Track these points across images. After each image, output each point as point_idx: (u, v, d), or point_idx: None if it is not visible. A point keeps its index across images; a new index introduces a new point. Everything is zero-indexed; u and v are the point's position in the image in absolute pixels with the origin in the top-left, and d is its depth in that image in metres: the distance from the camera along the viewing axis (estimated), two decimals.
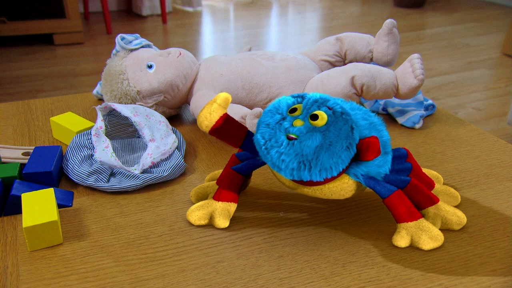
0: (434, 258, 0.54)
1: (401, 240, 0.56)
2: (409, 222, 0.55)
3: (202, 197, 0.64)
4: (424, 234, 0.55)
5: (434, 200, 0.58)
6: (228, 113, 0.74)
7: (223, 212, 0.59)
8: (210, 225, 0.60)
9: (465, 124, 0.87)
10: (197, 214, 0.60)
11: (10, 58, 2.64)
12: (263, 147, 0.53)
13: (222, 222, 0.59)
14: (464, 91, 2.32)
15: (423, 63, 2.50)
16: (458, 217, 0.59)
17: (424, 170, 0.68)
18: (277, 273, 0.52)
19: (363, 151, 0.53)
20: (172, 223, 0.60)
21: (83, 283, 0.51)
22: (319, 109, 0.53)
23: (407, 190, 0.57)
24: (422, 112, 0.87)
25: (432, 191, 0.63)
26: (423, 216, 0.57)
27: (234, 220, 0.61)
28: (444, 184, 0.69)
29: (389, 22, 0.85)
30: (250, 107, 0.82)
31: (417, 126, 0.85)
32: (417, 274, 0.52)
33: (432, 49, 2.90)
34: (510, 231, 0.59)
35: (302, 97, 0.55)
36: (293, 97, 0.56)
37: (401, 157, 0.61)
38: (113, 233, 0.58)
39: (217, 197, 0.60)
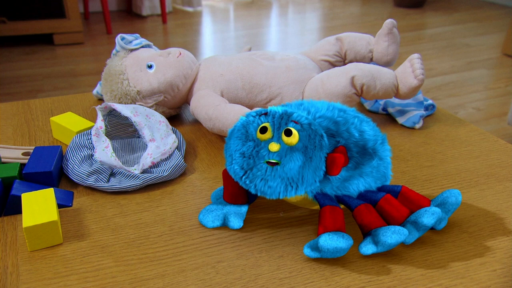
0: (434, 258, 0.54)
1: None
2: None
3: None
4: None
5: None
6: (228, 113, 0.74)
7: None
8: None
9: (465, 124, 0.87)
10: None
11: (10, 58, 2.64)
12: (244, 177, 0.54)
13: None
14: (464, 91, 2.32)
15: (423, 63, 2.50)
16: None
17: None
18: (277, 273, 0.52)
19: (328, 167, 0.54)
20: (172, 223, 0.60)
21: (83, 283, 0.51)
22: (287, 126, 0.53)
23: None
24: (422, 112, 0.87)
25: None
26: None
27: None
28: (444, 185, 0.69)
29: (389, 22, 0.85)
30: (250, 107, 0.82)
31: (417, 126, 0.85)
32: (417, 274, 0.52)
33: (432, 49, 2.90)
34: (510, 231, 0.59)
35: (266, 113, 0.55)
36: (255, 115, 0.55)
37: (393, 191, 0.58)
38: (113, 233, 0.58)
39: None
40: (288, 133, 0.53)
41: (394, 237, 0.51)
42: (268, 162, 0.53)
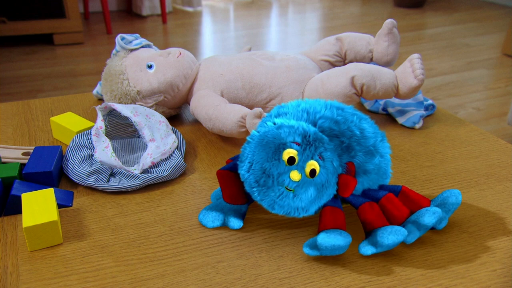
0: (434, 258, 0.54)
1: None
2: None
3: None
4: None
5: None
6: (228, 113, 0.74)
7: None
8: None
9: (465, 124, 0.87)
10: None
11: (10, 58, 2.64)
12: (255, 189, 0.53)
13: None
14: (464, 91, 2.32)
15: (423, 63, 2.50)
16: None
17: None
18: (277, 273, 0.52)
19: (340, 188, 0.54)
20: (172, 223, 0.60)
21: (83, 283, 0.51)
22: (312, 159, 0.53)
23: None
24: (422, 112, 0.87)
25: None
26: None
27: None
28: (444, 185, 0.69)
29: (389, 22, 0.85)
30: (250, 107, 0.82)
31: (417, 126, 0.85)
32: (417, 274, 0.52)
33: (432, 49, 2.90)
34: (510, 231, 0.59)
35: (305, 136, 0.53)
36: (293, 140, 0.53)
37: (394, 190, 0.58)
38: (113, 233, 0.58)
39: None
40: (313, 173, 0.53)
41: (391, 237, 0.51)
42: (286, 188, 0.53)
